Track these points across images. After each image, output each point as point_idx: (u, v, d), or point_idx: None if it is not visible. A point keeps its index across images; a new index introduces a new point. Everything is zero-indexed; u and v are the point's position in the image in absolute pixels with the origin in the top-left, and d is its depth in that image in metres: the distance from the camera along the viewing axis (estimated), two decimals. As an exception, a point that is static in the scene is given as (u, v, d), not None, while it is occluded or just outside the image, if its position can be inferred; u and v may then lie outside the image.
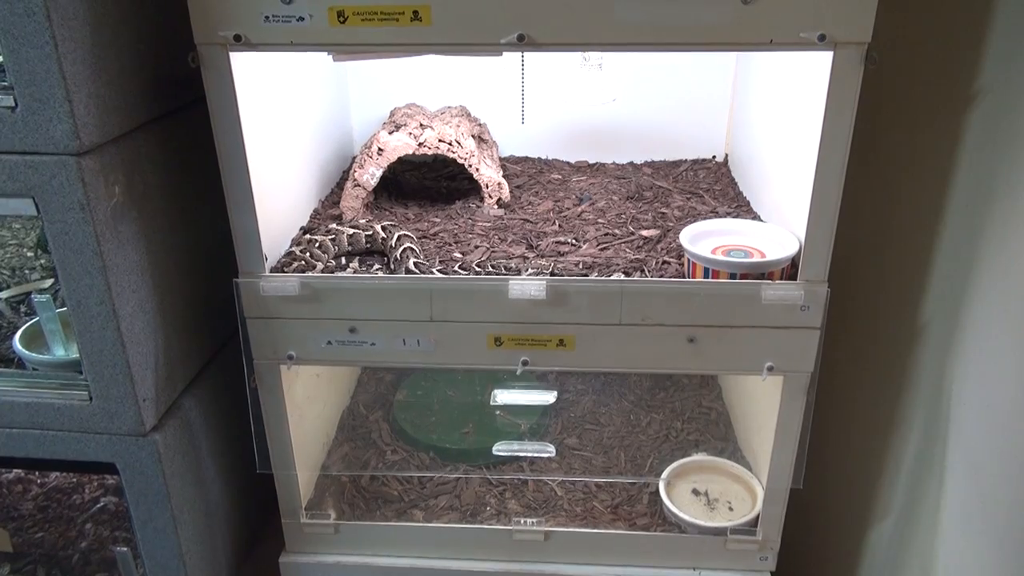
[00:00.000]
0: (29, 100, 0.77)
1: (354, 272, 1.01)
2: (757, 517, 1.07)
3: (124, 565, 1.04)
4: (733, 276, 0.93)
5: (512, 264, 0.99)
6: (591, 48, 0.81)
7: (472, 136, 1.24)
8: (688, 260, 0.97)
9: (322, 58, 1.02)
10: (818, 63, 0.83)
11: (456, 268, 0.99)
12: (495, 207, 1.20)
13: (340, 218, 1.18)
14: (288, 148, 1.09)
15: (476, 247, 1.08)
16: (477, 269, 0.98)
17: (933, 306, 0.96)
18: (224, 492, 1.12)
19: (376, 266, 1.04)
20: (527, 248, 1.08)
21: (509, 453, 1.18)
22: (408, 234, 1.05)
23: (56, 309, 1.01)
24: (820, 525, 1.27)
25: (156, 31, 0.92)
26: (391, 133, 1.16)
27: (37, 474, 1.21)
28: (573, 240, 1.09)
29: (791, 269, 0.94)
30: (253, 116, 0.91)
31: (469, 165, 1.17)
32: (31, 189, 0.81)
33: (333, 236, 1.05)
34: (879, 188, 1.07)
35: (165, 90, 0.95)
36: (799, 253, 0.92)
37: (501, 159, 1.41)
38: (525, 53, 1.14)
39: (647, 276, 0.98)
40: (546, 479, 1.18)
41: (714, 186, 1.31)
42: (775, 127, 1.12)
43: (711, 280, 0.93)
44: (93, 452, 0.95)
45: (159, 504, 0.98)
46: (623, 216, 1.16)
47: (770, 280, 0.93)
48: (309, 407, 1.17)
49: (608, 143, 1.42)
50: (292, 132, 1.12)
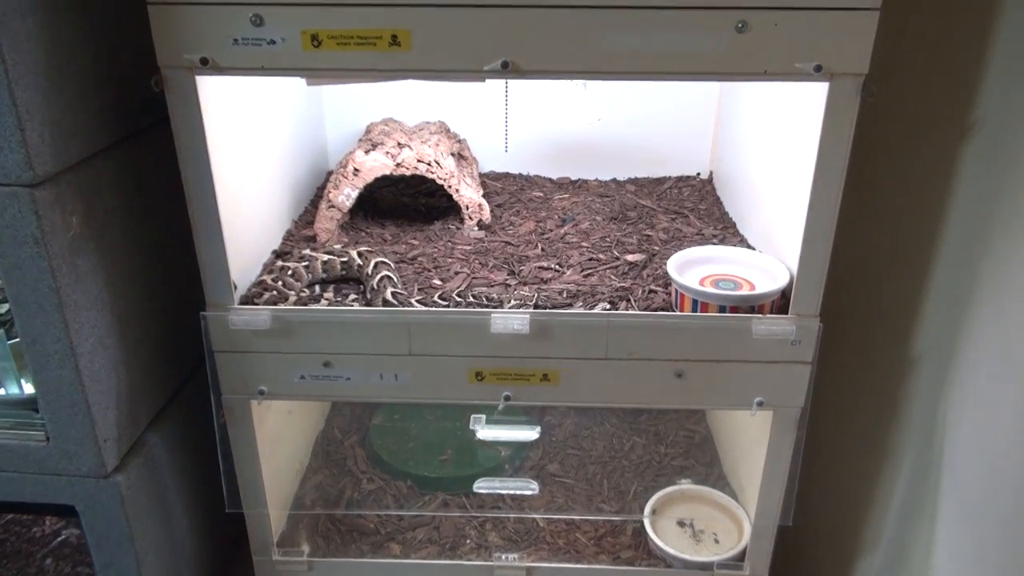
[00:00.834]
0: (-23, 129, 0.72)
1: (329, 304, 0.96)
2: (744, 550, 1.05)
3: (85, 608, 0.99)
4: (723, 309, 0.90)
5: (494, 294, 0.95)
6: (579, 76, 0.77)
7: (452, 154, 1.20)
8: (676, 290, 0.94)
9: (295, 76, 0.98)
10: (809, 85, 0.80)
11: (436, 298, 0.95)
12: (475, 228, 1.16)
13: (314, 239, 1.13)
14: (259, 167, 1.05)
15: (456, 273, 1.04)
16: (458, 299, 0.94)
17: (927, 338, 0.94)
18: (191, 529, 1.07)
19: (352, 295, 0.99)
20: (509, 274, 1.04)
21: (490, 491, 1.14)
22: (385, 260, 1.01)
23: (8, 341, 0.95)
24: (808, 556, 1.25)
25: (116, 52, 0.87)
26: (367, 152, 1.11)
27: (-7, 508, 1.16)
28: (556, 265, 1.06)
29: (781, 300, 0.92)
30: (221, 136, 0.86)
31: (449, 186, 1.13)
32: (-20, 222, 0.76)
33: (307, 263, 1.01)
34: (870, 217, 1.04)
35: (126, 113, 0.90)
36: (790, 284, 0.90)
37: (481, 175, 1.37)
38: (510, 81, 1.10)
39: (633, 306, 0.95)
40: (527, 516, 1.14)
41: (699, 205, 1.28)
42: (762, 147, 1.09)
43: (700, 314, 0.90)
44: (51, 494, 0.90)
45: (121, 546, 0.93)
46: (607, 239, 1.13)
47: (760, 312, 0.90)
48: (281, 438, 1.12)
49: (591, 159, 1.39)
50: (263, 150, 1.07)
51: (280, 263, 1.01)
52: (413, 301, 0.94)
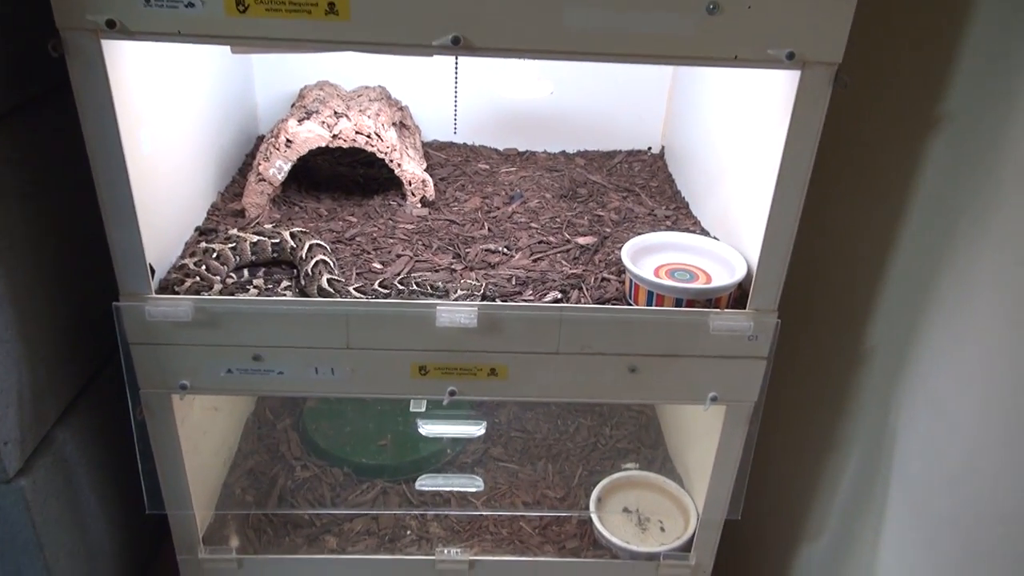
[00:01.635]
0: None
1: (259, 293, 0.89)
2: (691, 539, 1.04)
3: (-10, 617, 0.91)
4: (679, 302, 0.86)
5: (439, 282, 0.89)
6: (536, 56, 0.70)
7: (393, 124, 1.12)
8: (630, 280, 0.90)
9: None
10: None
11: (376, 285, 0.88)
12: (418, 206, 1.09)
13: (243, 215, 1.04)
14: (179, 135, 0.95)
15: (398, 256, 0.98)
16: (400, 287, 0.88)
17: (881, 333, 0.93)
18: (109, 529, 1.00)
19: (284, 282, 0.92)
20: (454, 257, 0.98)
21: (434, 488, 1.09)
22: (321, 243, 0.93)
23: None
24: (753, 546, 1.25)
25: (6, 11, 0.76)
26: (301, 122, 1.02)
27: None
28: (504, 248, 1.00)
29: (738, 292, 0.88)
30: (133, 101, 0.76)
31: (390, 160, 1.05)
32: None
33: (234, 244, 0.92)
34: (828, 208, 1.01)
35: (20, 78, 0.79)
36: (747, 275, 0.87)
37: (424, 145, 1.30)
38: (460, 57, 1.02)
39: (585, 295, 0.91)
40: (469, 514, 1.10)
41: (650, 182, 1.23)
42: (719, 126, 1.05)
43: (656, 308, 0.86)
44: (-55, 502, 0.81)
45: (29, 555, 0.85)
46: (557, 219, 1.08)
47: (717, 304, 0.87)
48: (207, 429, 1.05)
49: (539, 130, 1.32)
50: (184, 115, 0.97)
51: (204, 244, 0.92)
52: (351, 289, 0.87)
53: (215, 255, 0.90)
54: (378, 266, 0.96)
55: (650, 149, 1.34)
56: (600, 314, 0.85)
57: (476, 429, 1.15)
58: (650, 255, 0.93)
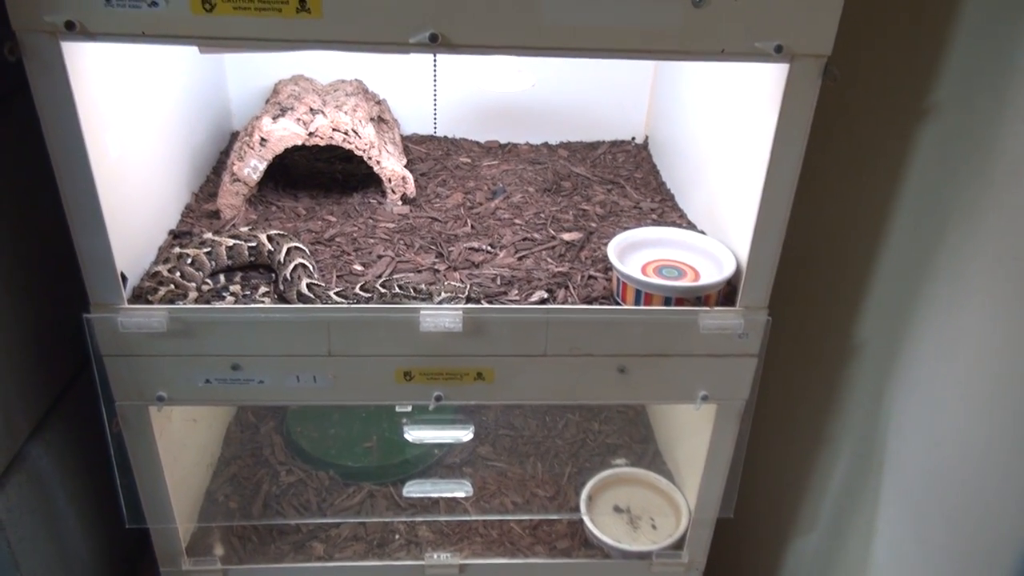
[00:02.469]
0: None
1: (236, 300, 0.86)
2: (683, 536, 1.03)
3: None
4: (667, 300, 0.85)
5: (422, 284, 0.87)
6: (517, 52, 0.68)
7: (371, 119, 1.09)
8: (617, 278, 0.88)
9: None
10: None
11: (357, 289, 0.86)
12: (399, 203, 1.06)
13: (218, 216, 1.01)
14: (149, 135, 0.92)
15: (379, 257, 0.95)
16: (382, 291, 0.86)
17: (872, 327, 0.91)
18: (88, 544, 0.97)
19: (262, 287, 0.89)
20: (437, 256, 0.96)
21: (421, 495, 1.07)
22: (299, 246, 0.91)
23: None
24: (746, 541, 1.24)
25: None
26: (276, 119, 0.99)
27: None
28: (488, 246, 0.98)
29: (727, 288, 0.87)
30: (98, 102, 0.73)
31: (369, 158, 1.02)
32: None
33: (209, 249, 0.89)
34: (817, 202, 1.00)
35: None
36: (736, 271, 0.85)
37: (404, 138, 1.27)
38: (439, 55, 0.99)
39: (572, 295, 0.89)
40: (459, 519, 1.08)
41: (634, 173, 1.21)
42: (704, 116, 1.03)
43: (645, 308, 0.84)
44: (-86, 523, 0.79)
45: (5, 574, 0.83)
46: (541, 215, 1.06)
47: (706, 302, 0.85)
48: (188, 438, 1.02)
49: (521, 122, 1.30)
50: (154, 113, 0.94)
51: (179, 249, 0.89)
52: (332, 294, 0.84)
53: (190, 261, 0.87)
54: (359, 268, 0.93)
55: (634, 139, 1.32)
56: (588, 315, 0.83)
57: (464, 434, 1.13)
58: (637, 251, 0.92)
